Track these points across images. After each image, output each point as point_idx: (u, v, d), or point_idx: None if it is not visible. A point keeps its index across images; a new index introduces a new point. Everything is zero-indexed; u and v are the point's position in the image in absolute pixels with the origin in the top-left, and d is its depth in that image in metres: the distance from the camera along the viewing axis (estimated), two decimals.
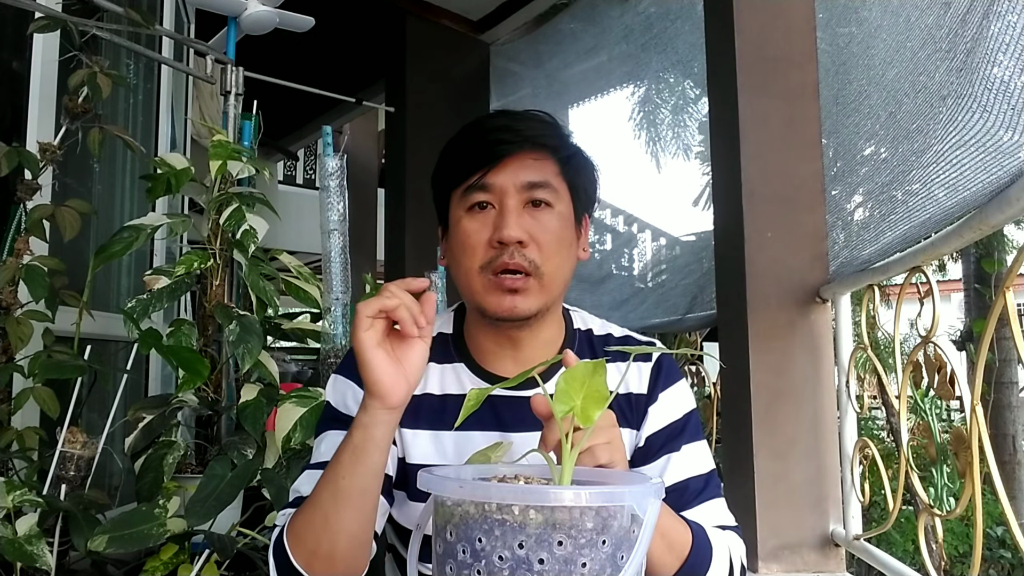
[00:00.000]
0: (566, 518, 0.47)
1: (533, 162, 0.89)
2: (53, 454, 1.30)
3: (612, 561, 0.48)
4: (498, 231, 0.87)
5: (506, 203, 0.88)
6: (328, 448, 0.91)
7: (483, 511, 0.48)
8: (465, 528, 0.48)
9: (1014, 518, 1.38)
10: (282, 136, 6.06)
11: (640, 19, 3.58)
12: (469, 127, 0.94)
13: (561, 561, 0.47)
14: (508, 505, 0.47)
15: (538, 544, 0.47)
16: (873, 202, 2.07)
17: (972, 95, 1.46)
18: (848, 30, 2.20)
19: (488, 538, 0.47)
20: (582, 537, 0.47)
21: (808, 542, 2.21)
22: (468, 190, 0.89)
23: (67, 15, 1.53)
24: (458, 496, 0.49)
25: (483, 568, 0.48)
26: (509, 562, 0.47)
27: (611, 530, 0.48)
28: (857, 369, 2.23)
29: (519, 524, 0.47)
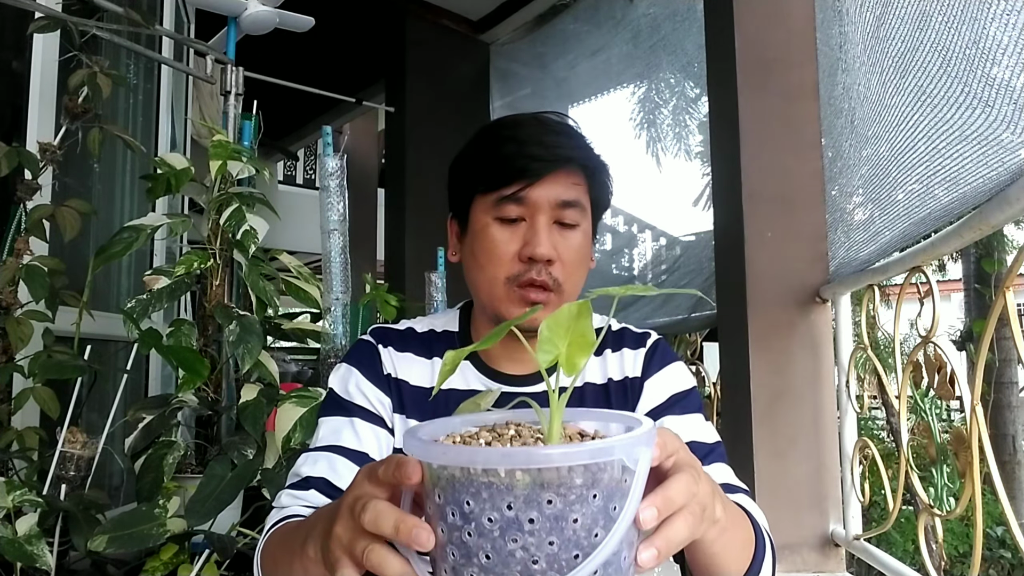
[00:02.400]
0: (554, 477, 0.46)
1: (567, 181, 0.89)
2: (53, 454, 1.30)
3: (604, 512, 0.48)
4: (530, 247, 0.87)
5: (539, 219, 0.88)
6: (327, 432, 0.91)
7: (469, 474, 0.47)
8: (453, 491, 0.48)
9: (1014, 518, 1.38)
10: (282, 136, 6.06)
11: (643, 20, 3.59)
12: (502, 132, 0.92)
13: (551, 519, 0.46)
14: (494, 468, 0.46)
15: (527, 504, 0.46)
16: (872, 202, 2.08)
17: (973, 92, 1.46)
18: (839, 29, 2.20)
19: (476, 501, 0.47)
20: (571, 494, 0.47)
21: (808, 542, 2.21)
22: (502, 201, 0.89)
23: (67, 15, 1.53)
24: (442, 461, 0.49)
25: (473, 530, 0.47)
26: (499, 523, 0.47)
27: (601, 483, 0.47)
28: (857, 369, 2.23)
29: (506, 486, 0.46)
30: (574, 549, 0.47)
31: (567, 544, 0.47)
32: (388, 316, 2.11)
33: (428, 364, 0.96)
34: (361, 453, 0.90)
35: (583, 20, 3.97)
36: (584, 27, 3.95)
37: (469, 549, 0.48)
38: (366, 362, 0.96)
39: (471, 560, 0.48)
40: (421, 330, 1.00)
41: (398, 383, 0.95)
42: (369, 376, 0.95)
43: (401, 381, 0.95)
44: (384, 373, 0.95)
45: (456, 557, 0.49)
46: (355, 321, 1.92)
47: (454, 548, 0.49)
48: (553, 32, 4.14)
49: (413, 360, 0.97)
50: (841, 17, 2.22)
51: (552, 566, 0.47)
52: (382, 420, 0.93)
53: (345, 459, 0.89)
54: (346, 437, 0.90)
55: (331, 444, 0.90)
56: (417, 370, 0.96)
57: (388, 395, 0.94)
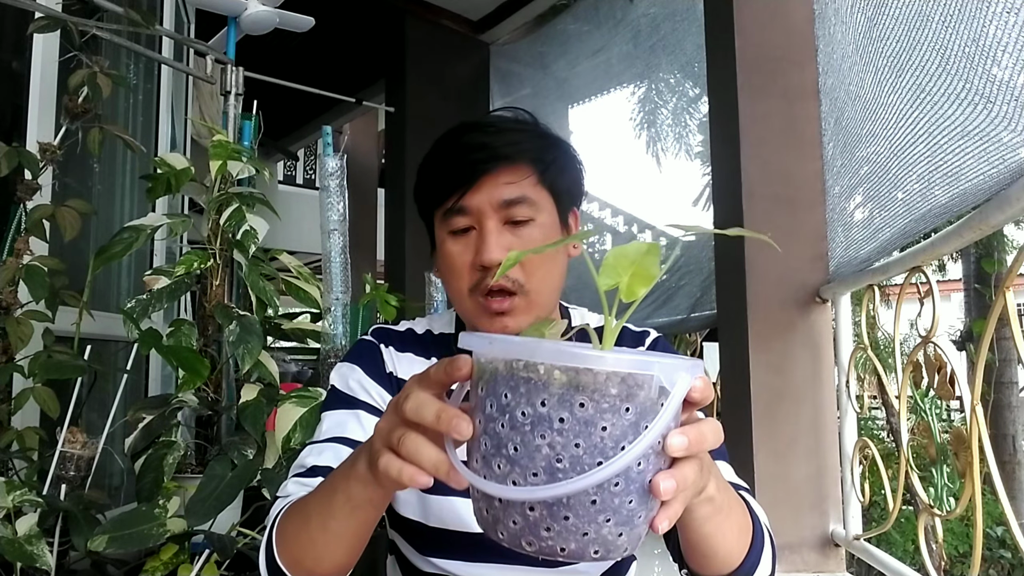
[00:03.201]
0: (590, 381, 0.47)
1: (509, 178, 0.87)
2: (53, 454, 1.30)
3: (635, 429, 0.48)
4: (479, 255, 0.86)
5: (485, 225, 0.86)
6: (331, 425, 0.90)
7: (511, 368, 0.49)
8: (494, 384, 0.50)
9: (1014, 518, 1.38)
10: (282, 136, 6.06)
11: (643, 20, 3.59)
12: (443, 143, 0.91)
13: (581, 422, 0.47)
14: (534, 363, 0.48)
15: (559, 404, 0.48)
16: (871, 200, 2.08)
17: (975, 88, 1.46)
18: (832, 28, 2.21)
19: (513, 394, 0.49)
20: (604, 402, 0.48)
21: (808, 542, 2.21)
22: (447, 213, 0.88)
23: (67, 15, 1.53)
24: (489, 353, 0.51)
25: (506, 422, 0.49)
26: (531, 418, 0.48)
27: (636, 399, 0.48)
28: (857, 369, 2.23)
29: (543, 383, 0.48)
30: (599, 456, 0.48)
31: (592, 450, 0.48)
32: (388, 316, 2.11)
33: (427, 364, 0.96)
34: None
35: (583, 20, 3.97)
36: (584, 27, 3.95)
37: (500, 440, 0.49)
38: (368, 359, 0.96)
39: (500, 451, 0.49)
40: (420, 331, 1.01)
41: (399, 382, 0.94)
42: (371, 373, 0.94)
43: (402, 380, 0.94)
44: (386, 372, 0.95)
45: (488, 447, 0.50)
46: (355, 321, 1.92)
47: (487, 439, 0.50)
48: (553, 32, 4.14)
49: (413, 360, 0.97)
50: (832, 17, 2.23)
51: (575, 467, 0.47)
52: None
53: (351, 449, 0.88)
54: (351, 428, 0.90)
55: (336, 436, 0.89)
56: (417, 370, 0.95)
57: (390, 392, 0.93)
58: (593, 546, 0.50)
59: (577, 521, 0.49)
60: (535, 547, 0.51)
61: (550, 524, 0.49)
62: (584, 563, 0.93)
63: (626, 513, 0.50)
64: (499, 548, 0.91)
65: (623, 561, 0.99)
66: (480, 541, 0.91)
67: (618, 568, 0.98)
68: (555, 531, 0.50)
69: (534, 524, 0.50)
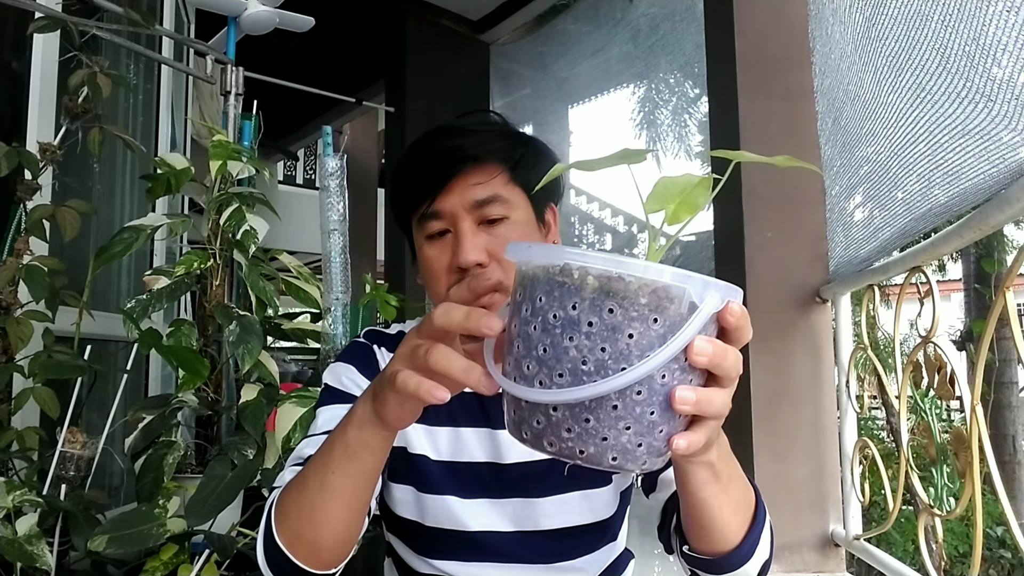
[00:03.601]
0: (620, 288, 0.49)
1: (479, 178, 0.88)
2: (53, 454, 1.30)
3: (662, 341, 0.50)
4: (455, 257, 0.86)
5: (459, 227, 0.87)
6: (326, 420, 0.90)
7: (548, 273, 0.51)
8: (531, 288, 0.52)
9: (1014, 518, 1.38)
10: (282, 136, 6.06)
11: (642, 20, 3.59)
12: (415, 149, 0.92)
13: (608, 327, 0.49)
14: (570, 269, 0.50)
15: (590, 308, 0.49)
16: (871, 200, 2.08)
17: (975, 87, 1.46)
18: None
19: (547, 298, 0.51)
20: (633, 310, 0.49)
21: (808, 542, 2.21)
22: (422, 219, 0.89)
23: (67, 15, 1.53)
24: (529, 260, 0.53)
25: (539, 324, 0.51)
26: (561, 320, 0.50)
27: (666, 312, 0.50)
28: (857, 369, 2.23)
29: (576, 287, 0.50)
30: (623, 362, 0.49)
31: (617, 355, 0.49)
32: (388, 316, 2.11)
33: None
34: None
35: (583, 20, 3.97)
36: (584, 27, 3.95)
37: (531, 342, 0.51)
38: (361, 359, 0.96)
39: (531, 352, 0.51)
40: None
41: None
42: (365, 372, 0.95)
43: None
44: (380, 371, 0.95)
45: (519, 349, 0.53)
46: (355, 321, 1.92)
47: (520, 341, 0.53)
48: (553, 32, 4.14)
49: None
50: (830, 18, 2.23)
51: (599, 371, 0.49)
52: None
53: None
54: None
55: (331, 429, 0.89)
56: None
57: None
58: (611, 452, 0.51)
59: (598, 425, 0.50)
60: (555, 447, 0.52)
61: (571, 425, 0.51)
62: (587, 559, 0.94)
63: (646, 424, 0.51)
64: (497, 548, 0.92)
65: (620, 560, 0.99)
66: (478, 541, 0.91)
67: (616, 567, 0.98)
68: (575, 433, 0.51)
69: (556, 425, 0.52)
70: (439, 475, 0.93)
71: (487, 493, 0.92)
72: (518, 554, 0.92)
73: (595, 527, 0.93)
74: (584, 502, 0.92)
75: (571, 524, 0.92)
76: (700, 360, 0.51)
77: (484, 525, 0.91)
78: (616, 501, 0.95)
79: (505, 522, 0.91)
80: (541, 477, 0.92)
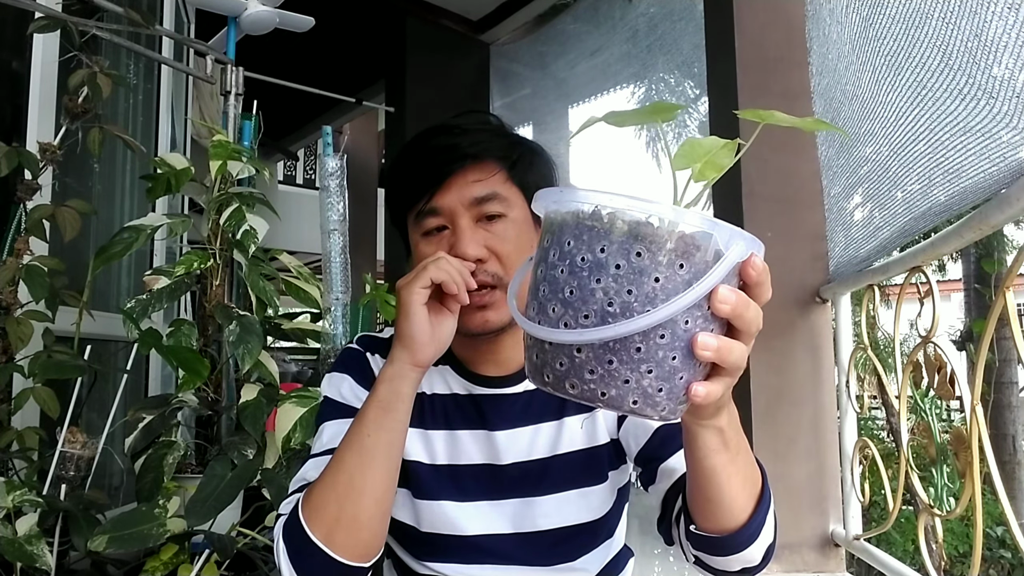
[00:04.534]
0: (648, 232, 0.50)
1: (477, 176, 0.89)
2: (53, 454, 1.30)
3: (687, 287, 0.50)
4: (454, 251, 0.87)
5: (458, 223, 0.88)
6: (331, 437, 0.91)
7: (577, 218, 0.52)
8: (560, 233, 0.53)
9: (1014, 518, 1.38)
10: (282, 136, 6.06)
11: (641, 20, 3.59)
12: (411, 148, 0.94)
13: (635, 270, 0.50)
14: (599, 213, 0.51)
15: (618, 251, 0.50)
16: (871, 199, 2.08)
17: (977, 84, 1.45)
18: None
19: (576, 241, 0.52)
20: (660, 255, 0.50)
21: (808, 542, 2.21)
22: (419, 215, 0.90)
23: (67, 15, 1.53)
24: (558, 205, 0.54)
25: (566, 268, 0.52)
26: (589, 263, 0.51)
27: (692, 259, 0.50)
28: (857, 369, 2.23)
29: (604, 231, 0.50)
30: (648, 305, 0.50)
31: (643, 299, 0.50)
32: (388, 316, 2.11)
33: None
34: None
35: (583, 20, 3.97)
36: (584, 27, 3.95)
37: (558, 285, 0.52)
38: (356, 368, 0.97)
39: (556, 295, 0.52)
40: None
41: None
42: (361, 381, 0.95)
43: None
44: (374, 379, 0.95)
45: (545, 292, 0.53)
46: (355, 321, 1.92)
47: (546, 285, 0.53)
48: (553, 32, 4.14)
49: None
50: (828, 18, 2.23)
51: (624, 312, 0.50)
52: None
53: None
54: None
55: (335, 447, 0.90)
56: None
57: None
58: (633, 395, 0.52)
59: (620, 367, 0.51)
60: (577, 389, 0.52)
61: (595, 367, 0.51)
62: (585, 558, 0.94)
63: (668, 368, 0.52)
64: (495, 550, 0.92)
65: (619, 558, 0.99)
66: (475, 544, 0.91)
67: (615, 565, 0.98)
68: (598, 374, 0.51)
69: (579, 366, 0.52)
70: (434, 480, 0.93)
71: (485, 495, 0.92)
72: (517, 555, 0.92)
73: (593, 525, 0.94)
74: (581, 500, 0.92)
75: (569, 523, 0.92)
76: (723, 308, 0.52)
77: (482, 528, 0.91)
78: (613, 498, 0.96)
79: (504, 524, 0.91)
80: (538, 476, 0.92)
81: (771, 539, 0.75)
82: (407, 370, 0.80)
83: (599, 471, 0.94)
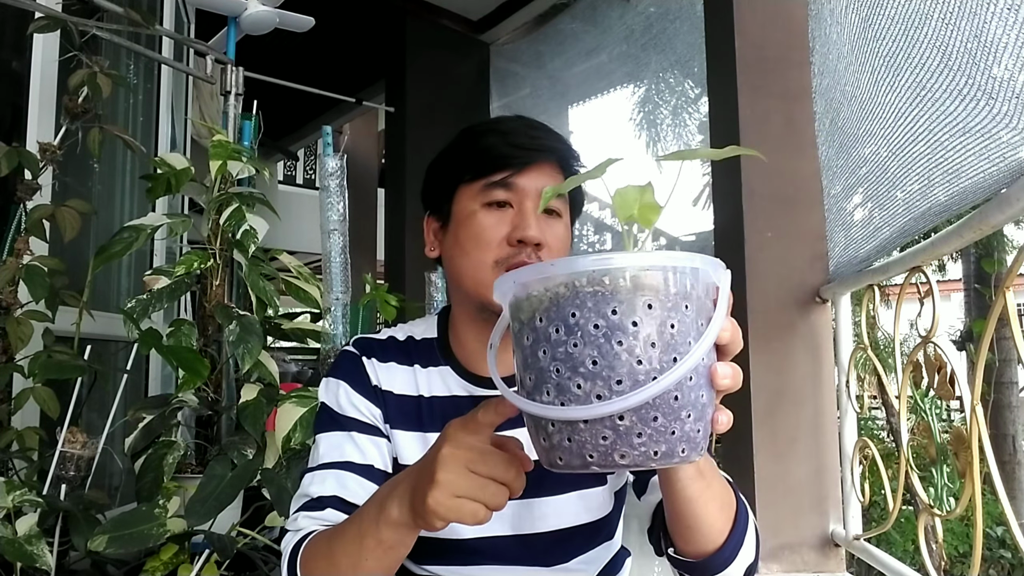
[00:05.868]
0: (652, 282, 0.50)
1: (551, 171, 0.93)
2: (53, 454, 1.30)
3: (695, 326, 0.51)
4: (520, 230, 0.89)
5: (526, 205, 0.90)
6: (328, 449, 0.91)
7: (574, 288, 0.51)
8: (557, 309, 0.52)
9: (1014, 518, 1.38)
10: (282, 136, 6.06)
11: (640, 19, 3.59)
12: (488, 126, 0.95)
13: (653, 322, 0.50)
14: (599, 277, 0.50)
15: (630, 308, 0.50)
16: (871, 199, 2.08)
17: (977, 84, 1.45)
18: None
19: (581, 311, 0.51)
20: (668, 301, 0.50)
21: (808, 542, 2.21)
22: (490, 186, 0.91)
23: (67, 15, 1.53)
24: (546, 281, 0.52)
25: (578, 340, 0.50)
26: (604, 328, 0.50)
27: (692, 297, 0.51)
28: (857, 369, 2.23)
29: (610, 292, 0.50)
30: (672, 352, 0.50)
31: (666, 347, 0.50)
32: (388, 316, 2.11)
33: (410, 372, 0.96)
34: (367, 466, 0.90)
35: (582, 20, 3.97)
36: (584, 27, 3.95)
37: (575, 360, 0.50)
38: (353, 374, 0.96)
39: (577, 370, 0.50)
40: (402, 338, 1.01)
41: (384, 395, 0.95)
42: (358, 389, 0.95)
43: (387, 392, 0.95)
44: (372, 385, 0.95)
45: (561, 372, 0.51)
46: (355, 321, 1.92)
47: (559, 364, 0.51)
48: (553, 32, 4.14)
49: (396, 369, 0.97)
50: (828, 18, 2.23)
51: (657, 367, 0.50)
52: (378, 429, 0.93)
53: (353, 474, 0.89)
54: (349, 452, 0.90)
55: (336, 460, 0.90)
56: (400, 379, 0.96)
57: (378, 406, 0.94)
58: (680, 444, 0.52)
59: (665, 421, 0.51)
60: (628, 459, 0.51)
61: (641, 429, 0.51)
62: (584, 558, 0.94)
63: (700, 407, 0.53)
64: (493, 552, 0.92)
65: (617, 559, 0.99)
66: (472, 547, 0.91)
67: (613, 566, 0.98)
68: (647, 435, 0.51)
69: (625, 433, 0.50)
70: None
71: None
72: (515, 556, 0.92)
73: (591, 527, 0.94)
74: (580, 502, 0.92)
75: (568, 525, 0.92)
76: (725, 336, 0.54)
77: (479, 532, 0.91)
78: (612, 500, 0.96)
79: (502, 526, 0.91)
80: (538, 478, 0.92)
81: (752, 558, 0.78)
82: (414, 530, 0.73)
83: (599, 474, 0.93)
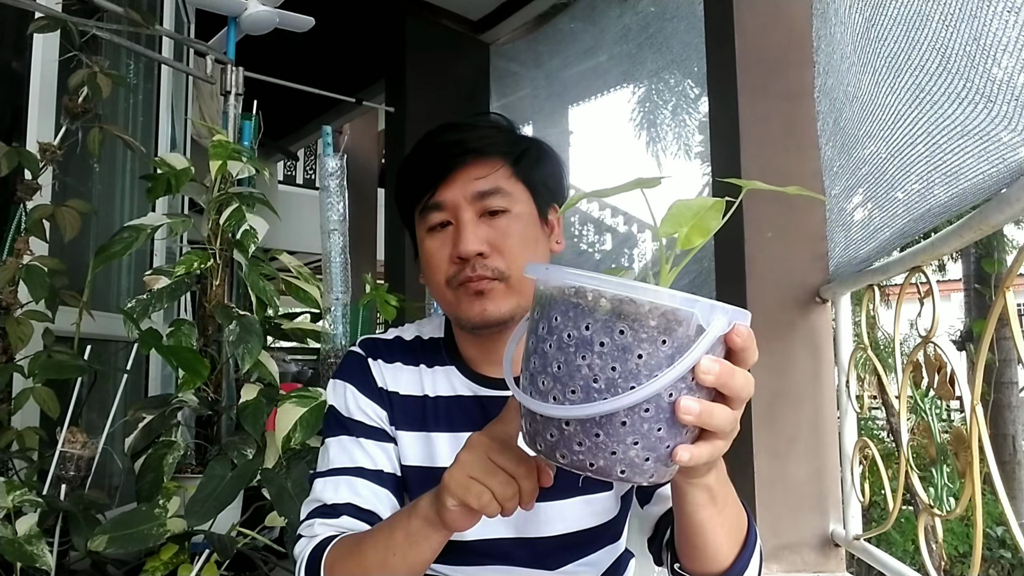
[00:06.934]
0: (632, 311, 0.51)
1: (481, 171, 0.89)
2: (53, 454, 1.30)
3: (670, 362, 0.52)
4: (456, 247, 0.87)
5: (461, 217, 0.88)
6: (338, 454, 0.91)
7: (563, 294, 0.54)
8: (547, 308, 0.55)
9: (1014, 518, 1.38)
10: (282, 136, 6.06)
11: (640, 19, 3.59)
12: (420, 144, 0.94)
13: (619, 348, 0.51)
14: (584, 291, 0.52)
15: (603, 329, 0.52)
16: (871, 200, 2.08)
17: (975, 87, 1.45)
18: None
19: (563, 318, 0.53)
20: (643, 332, 0.51)
21: (808, 542, 2.21)
22: (424, 210, 0.91)
23: (67, 15, 1.53)
24: (546, 281, 0.55)
25: (554, 343, 0.54)
26: (575, 340, 0.53)
27: (674, 334, 0.51)
28: (857, 369, 2.22)
29: (589, 308, 0.52)
30: (632, 381, 0.51)
31: (627, 375, 0.51)
32: (388, 316, 2.11)
33: (416, 372, 0.96)
34: (377, 471, 0.90)
35: (582, 20, 3.97)
36: (583, 27, 3.95)
37: (547, 359, 0.54)
38: (360, 377, 0.96)
39: (546, 369, 0.54)
40: (408, 338, 1.01)
41: (390, 396, 0.95)
42: (365, 391, 0.95)
43: (392, 393, 0.95)
44: (377, 387, 0.95)
45: (536, 364, 0.55)
46: (355, 321, 1.92)
47: (537, 357, 0.55)
48: (553, 32, 4.14)
49: (402, 369, 0.97)
50: (833, 17, 2.22)
51: (609, 389, 0.51)
52: (385, 433, 0.93)
53: (364, 480, 0.89)
54: (359, 458, 0.90)
55: (346, 466, 0.90)
56: (406, 379, 0.96)
57: (384, 408, 0.94)
58: (620, 465, 0.53)
59: (607, 440, 0.53)
60: (567, 459, 0.55)
61: (582, 439, 0.53)
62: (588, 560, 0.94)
63: (654, 439, 0.53)
64: (497, 554, 0.92)
65: (621, 560, 0.99)
66: (476, 548, 0.91)
67: (617, 567, 0.98)
68: (586, 446, 0.53)
69: (568, 438, 0.54)
70: (434, 484, 0.93)
71: None
72: (519, 558, 0.92)
73: (596, 530, 0.93)
74: (586, 507, 0.92)
75: (573, 529, 0.92)
76: (707, 379, 0.53)
77: (483, 534, 0.90)
78: (617, 505, 0.95)
79: (506, 528, 0.91)
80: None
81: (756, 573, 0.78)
82: (441, 529, 0.74)
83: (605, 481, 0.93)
